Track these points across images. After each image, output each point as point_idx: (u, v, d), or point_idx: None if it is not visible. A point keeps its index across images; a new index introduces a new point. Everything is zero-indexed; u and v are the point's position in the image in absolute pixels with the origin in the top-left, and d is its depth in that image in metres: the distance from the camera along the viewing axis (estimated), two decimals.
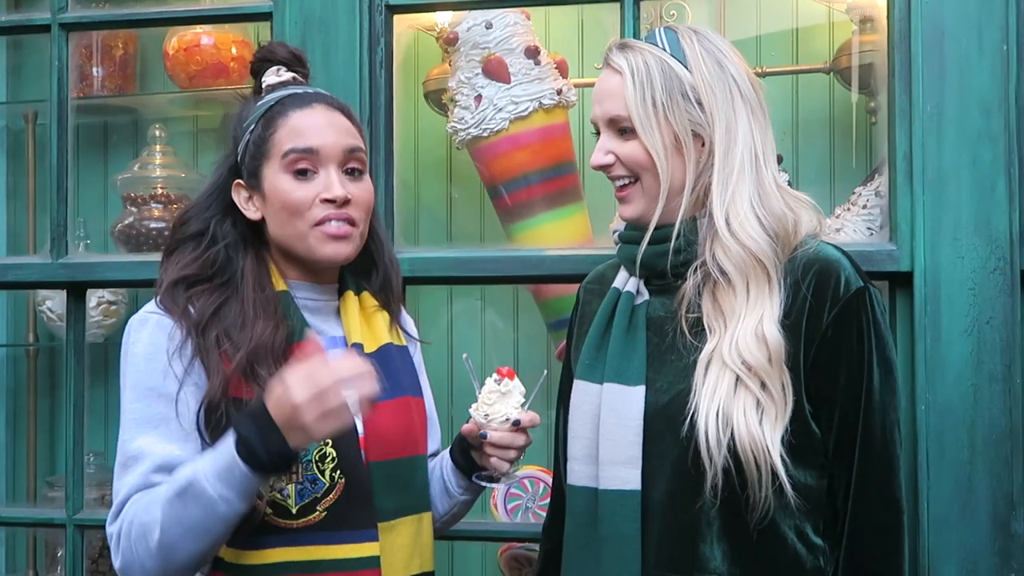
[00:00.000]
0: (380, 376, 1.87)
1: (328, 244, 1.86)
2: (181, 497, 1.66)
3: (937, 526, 2.24)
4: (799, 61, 3.11)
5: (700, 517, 1.75)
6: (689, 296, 1.82)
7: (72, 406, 2.74)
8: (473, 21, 2.82)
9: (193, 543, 1.67)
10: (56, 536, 3.31)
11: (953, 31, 2.29)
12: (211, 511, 1.64)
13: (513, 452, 1.89)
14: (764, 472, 1.70)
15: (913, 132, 2.30)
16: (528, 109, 2.80)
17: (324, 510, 1.79)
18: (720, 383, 1.74)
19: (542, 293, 2.97)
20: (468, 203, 3.27)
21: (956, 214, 2.27)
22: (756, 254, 1.76)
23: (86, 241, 3.34)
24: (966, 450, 2.24)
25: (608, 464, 1.81)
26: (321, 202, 1.84)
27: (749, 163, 1.80)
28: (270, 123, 1.88)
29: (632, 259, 1.90)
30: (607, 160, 1.85)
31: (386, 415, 1.88)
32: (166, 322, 1.81)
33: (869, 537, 1.78)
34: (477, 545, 3.15)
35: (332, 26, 2.54)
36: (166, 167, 3.38)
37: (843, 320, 1.76)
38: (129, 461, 1.76)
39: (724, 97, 1.81)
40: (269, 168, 1.87)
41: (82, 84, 3.39)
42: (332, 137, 1.87)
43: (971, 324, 2.25)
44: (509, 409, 1.87)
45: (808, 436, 1.77)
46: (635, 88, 1.80)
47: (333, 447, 1.80)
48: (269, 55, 1.99)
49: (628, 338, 1.86)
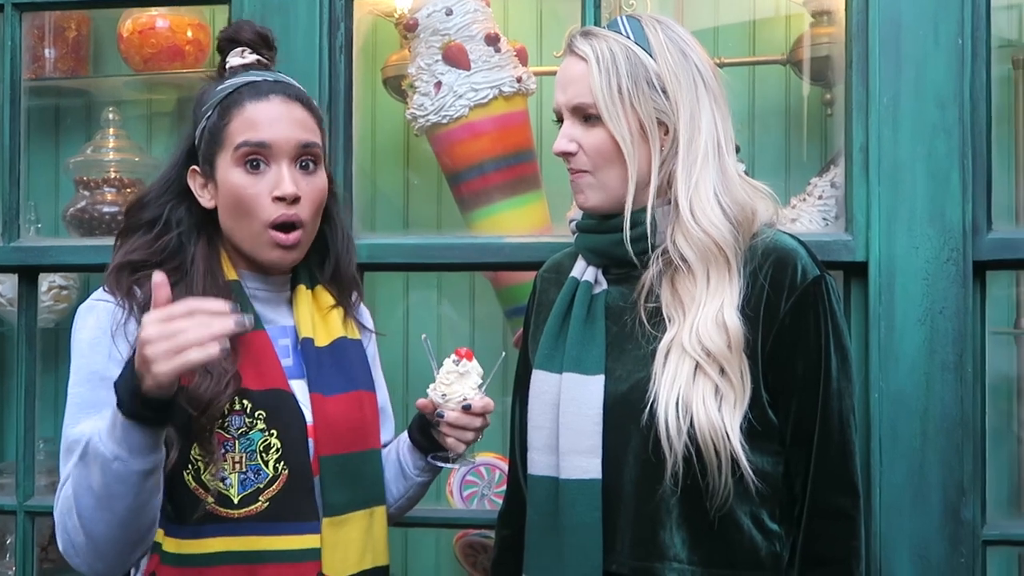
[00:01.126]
0: (333, 371, 1.89)
1: (275, 251, 1.84)
2: (83, 460, 1.65)
3: (889, 512, 2.27)
4: (756, 52, 3.13)
5: (660, 505, 1.77)
6: (648, 285, 1.83)
7: (24, 391, 2.71)
8: (433, 7, 2.82)
9: (106, 511, 1.64)
10: (5, 523, 3.27)
11: (910, 25, 2.32)
12: (108, 471, 1.61)
13: (470, 434, 1.89)
14: (724, 459, 1.72)
15: (869, 124, 2.32)
16: (488, 96, 2.79)
17: (266, 500, 1.77)
18: (680, 371, 1.75)
19: (500, 280, 2.97)
20: (425, 190, 3.26)
21: (911, 205, 2.30)
22: (718, 241, 1.78)
23: (37, 225, 3.30)
24: (918, 438, 2.27)
25: (568, 454, 1.82)
26: (273, 200, 1.82)
27: (712, 151, 1.82)
28: (226, 112, 1.85)
29: (591, 248, 1.91)
30: (570, 148, 1.84)
31: (338, 409, 1.87)
32: (111, 307, 1.80)
33: (827, 521, 1.81)
34: (431, 533, 3.15)
35: (291, 9, 2.52)
36: (119, 151, 3.34)
37: (800, 309, 1.79)
38: (72, 446, 1.73)
39: (688, 85, 1.82)
40: (222, 159, 1.84)
41: (34, 66, 3.34)
42: (286, 131, 1.84)
43: (924, 314, 2.28)
44: (467, 390, 1.86)
45: (765, 424, 1.79)
46: (601, 75, 1.80)
47: (278, 438, 1.79)
48: (235, 35, 1.96)
49: (587, 327, 1.87)
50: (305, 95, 1.92)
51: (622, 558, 1.80)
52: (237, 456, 1.76)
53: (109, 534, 1.67)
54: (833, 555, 1.81)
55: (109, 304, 1.80)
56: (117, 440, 1.60)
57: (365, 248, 2.46)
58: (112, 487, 1.62)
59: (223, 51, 1.96)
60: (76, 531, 1.68)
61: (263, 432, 1.78)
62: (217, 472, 1.75)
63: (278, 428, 1.79)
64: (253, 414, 1.78)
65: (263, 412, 1.79)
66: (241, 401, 1.77)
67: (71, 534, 1.70)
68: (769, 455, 1.80)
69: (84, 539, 1.68)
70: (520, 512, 1.98)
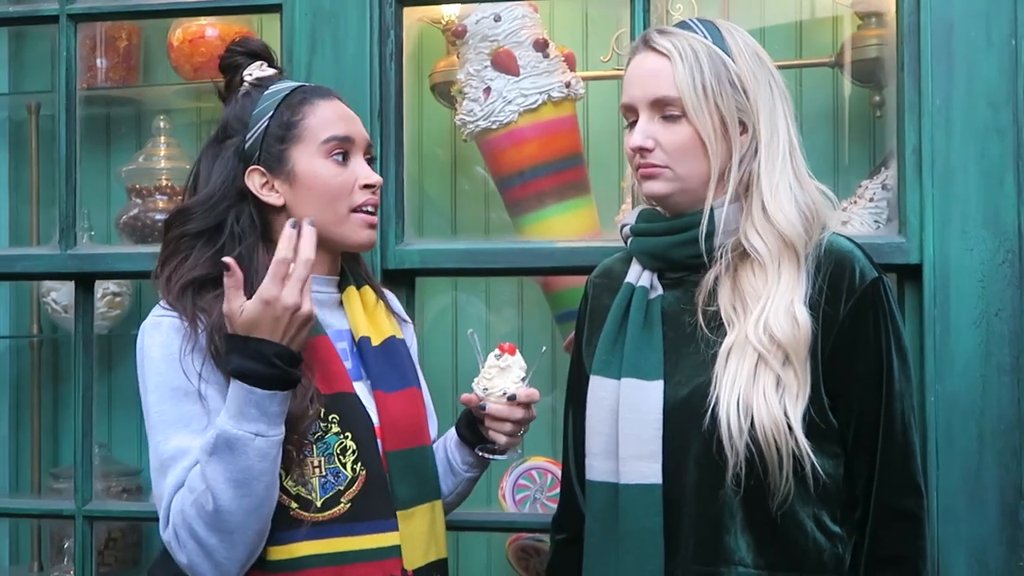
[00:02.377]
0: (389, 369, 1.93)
1: (365, 231, 1.92)
2: (215, 455, 1.68)
3: (946, 516, 2.26)
4: (803, 55, 3.12)
5: (723, 509, 1.77)
6: (709, 286, 1.83)
7: (80, 397, 2.74)
8: (482, 14, 2.83)
9: (246, 496, 1.68)
10: (62, 528, 3.32)
11: (962, 25, 2.30)
12: (249, 452, 1.66)
13: (509, 425, 1.91)
14: (785, 453, 1.72)
15: (922, 126, 2.31)
16: (537, 102, 2.80)
17: (348, 502, 1.81)
18: (740, 371, 1.76)
19: (551, 285, 2.98)
20: (473, 196, 3.27)
21: (964, 207, 2.28)
22: (792, 238, 1.79)
23: (90, 232, 3.33)
24: (975, 440, 2.26)
25: (628, 459, 1.82)
26: (360, 188, 1.90)
27: (787, 152, 1.84)
28: (296, 109, 1.90)
29: (648, 252, 1.92)
30: (648, 144, 1.83)
31: (398, 405, 1.91)
32: (178, 324, 1.82)
33: (894, 523, 1.81)
34: (483, 536, 3.16)
35: (342, 18, 2.54)
36: (170, 159, 3.38)
37: (859, 311, 1.79)
38: (167, 463, 1.76)
39: (766, 87, 1.84)
40: (301, 152, 1.89)
41: (87, 75, 3.37)
42: (357, 128, 1.95)
43: (980, 316, 2.27)
44: (508, 383, 1.89)
45: (825, 425, 1.78)
46: (685, 70, 1.80)
47: (353, 440, 1.82)
48: (248, 48, 2.02)
49: (644, 332, 1.87)
50: None
51: (685, 563, 1.80)
52: (316, 460, 1.80)
53: (247, 522, 1.70)
54: (901, 555, 1.81)
55: (175, 319, 1.82)
56: (253, 418, 1.66)
57: (415, 253, 2.48)
58: (255, 467, 1.68)
59: (235, 66, 2.00)
60: (208, 533, 1.70)
61: (338, 435, 1.82)
62: (299, 478, 1.79)
63: (352, 430, 1.82)
64: (327, 418, 1.81)
65: (336, 415, 1.82)
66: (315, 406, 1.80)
67: (201, 540, 1.71)
68: (829, 456, 1.79)
69: (218, 538, 1.70)
70: (575, 517, 1.99)
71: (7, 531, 3.58)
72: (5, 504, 3.29)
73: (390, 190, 2.52)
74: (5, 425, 3.59)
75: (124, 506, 3.06)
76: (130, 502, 3.21)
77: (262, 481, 1.69)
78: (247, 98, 1.95)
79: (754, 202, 1.81)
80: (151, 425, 1.80)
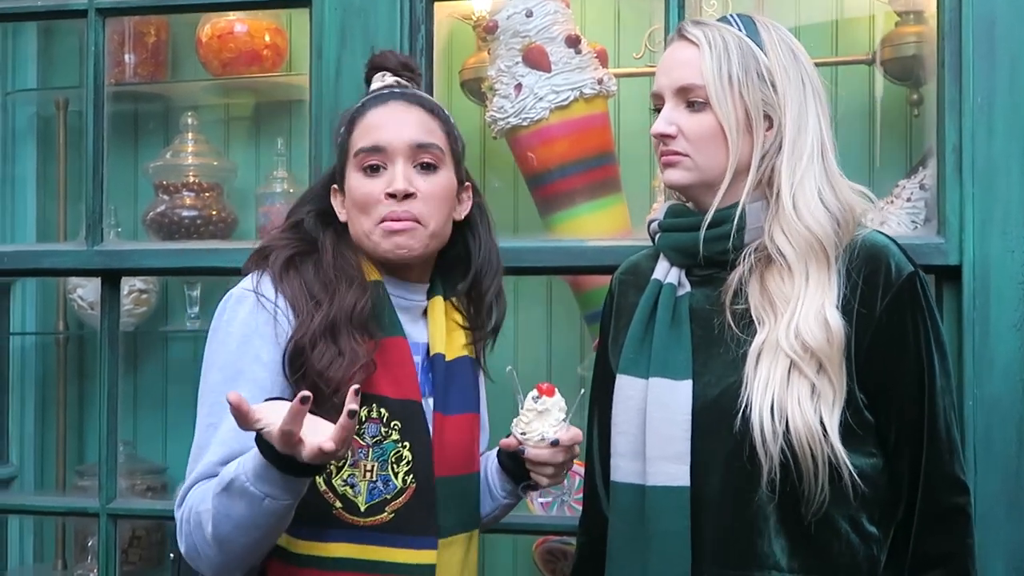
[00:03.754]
0: (454, 390, 1.89)
1: (387, 239, 1.83)
2: (227, 492, 1.63)
3: (984, 521, 2.20)
4: (839, 52, 3.08)
5: (757, 513, 1.74)
6: (736, 286, 1.81)
7: (106, 395, 2.73)
8: (513, 9, 2.79)
9: (245, 536, 1.64)
10: (86, 525, 3.31)
11: (1004, 21, 2.27)
12: (256, 507, 1.60)
13: (551, 468, 1.86)
14: (820, 461, 1.69)
15: (963, 124, 2.28)
16: (569, 98, 2.76)
17: (392, 512, 1.77)
18: (773, 373, 1.73)
19: (581, 284, 2.94)
20: (503, 193, 3.24)
21: (1006, 207, 2.25)
22: (820, 238, 1.76)
23: (117, 229, 3.33)
24: (1014, 445, 2.22)
25: (656, 460, 1.79)
26: (385, 198, 1.83)
27: (817, 151, 1.81)
28: (352, 125, 1.89)
29: (675, 247, 1.89)
30: (670, 130, 1.82)
31: (452, 431, 1.88)
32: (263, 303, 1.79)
33: (941, 520, 1.79)
34: (509, 538, 3.13)
35: (372, 13, 2.53)
36: (198, 155, 3.37)
37: (897, 307, 1.76)
38: (203, 444, 1.74)
39: (797, 84, 1.81)
40: (348, 167, 1.88)
41: (115, 70, 3.36)
42: (400, 132, 1.85)
43: (1020, 319, 2.23)
44: (546, 428, 1.83)
45: (862, 424, 1.76)
46: (712, 59, 1.79)
47: (410, 451, 1.79)
48: (382, 63, 1.99)
49: (672, 331, 1.84)
50: (430, 101, 1.94)
51: (715, 567, 1.77)
52: (369, 464, 1.77)
53: (246, 552, 1.68)
54: (950, 552, 1.79)
55: (262, 299, 1.79)
56: (269, 482, 1.58)
57: None
58: (259, 519, 1.62)
59: (368, 80, 1.99)
60: (206, 545, 1.68)
61: (396, 443, 1.78)
62: (349, 477, 1.76)
63: (411, 440, 1.79)
64: (389, 423, 1.78)
65: (399, 423, 1.79)
66: (379, 409, 1.77)
67: (199, 547, 1.69)
68: (866, 456, 1.76)
69: (215, 552, 1.68)
70: (598, 518, 1.96)
71: (32, 528, 3.58)
72: (30, 501, 3.27)
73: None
74: (31, 422, 3.59)
75: (148, 504, 3.04)
76: (155, 500, 3.19)
77: (266, 528, 1.64)
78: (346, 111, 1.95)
79: (777, 201, 1.79)
80: (205, 399, 1.77)
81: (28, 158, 3.63)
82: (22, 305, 3.60)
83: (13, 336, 3.58)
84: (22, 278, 3.48)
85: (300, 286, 1.79)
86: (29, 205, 3.62)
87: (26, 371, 3.61)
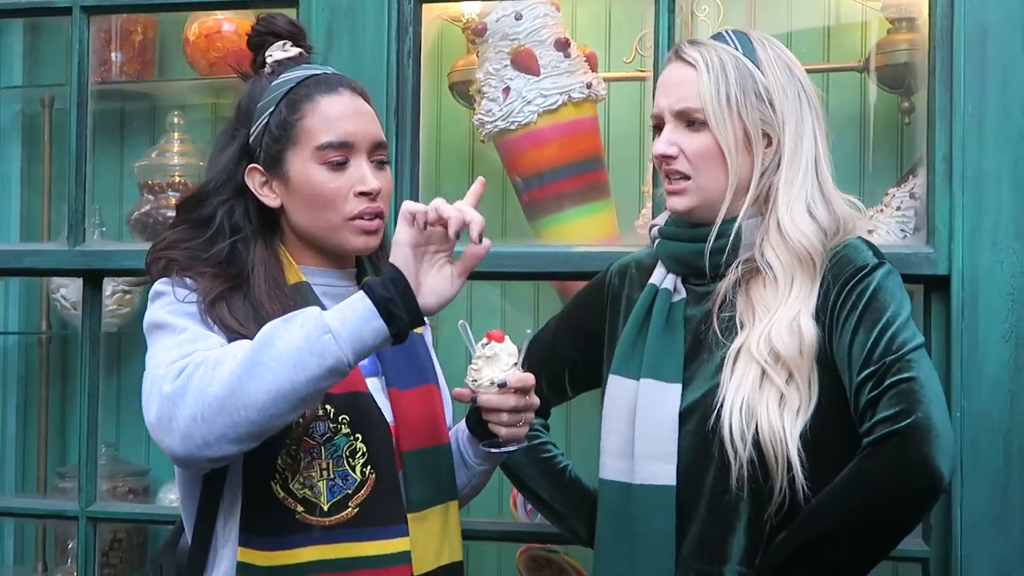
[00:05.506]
0: (406, 365, 1.86)
1: (360, 237, 1.82)
2: (287, 322, 1.58)
3: (970, 535, 2.21)
4: (830, 59, 3.06)
5: (729, 510, 1.79)
6: (723, 295, 1.86)
7: (87, 396, 2.71)
8: (502, 12, 2.78)
9: (273, 373, 1.55)
10: (66, 528, 3.28)
11: (996, 30, 2.26)
12: (312, 339, 1.55)
13: (505, 415, 1.79)
14: (781, 464, 1.74)
15: (953, 133, 2.27)
16: (557, 102, 2.75)
17: (356, 506, 1.74)
18: (746, 376, 1.78)
19: (568, 290, 2.91)
20: (490, 198, 3.21)
21: (996, 217, 2.24)
22: (809, 251, 1.81)
23: (101, 228, 3.29)
24: (1001, 458, 2.21)
25: (643, 459, 1.85)
26: (355, 195, 1.80)
27: (811, 166, 1.85)
28: (295, 107, 1.81)
29: (673, 256, 1.94)
30: (671, 151, 1.86)
31: (414, 403, 1.85)
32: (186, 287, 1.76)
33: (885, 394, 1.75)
34: (493, 545, 3.10)
35: (359, 14, 2.51)
36: (184, 155, 3.34)
37: (851, 287, 1.80)
38: (186, 340, 1.67)
39: (794, 101, 1.86)
40: (296, 156, 1.81)
41: (100, 69, 3.33)
42: (363, 127, 1.83)
43: (1009, 330, 2.22)
44: (496, 372, 1.78)
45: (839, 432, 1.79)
46: (710, 81, 1.83)
47: (363, 442, 1.76)
48: (271, 27, 1.92)
49: (666, 336, 1.89)
50: (365, 89, 1.90)
51: (692, 562, 1.81)
52: (324, 463, 1.73)
53: (252, 398, 1.56)
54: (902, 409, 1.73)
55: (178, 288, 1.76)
56: (343, 320, 1.58)
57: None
58: (303, 355, 1.55)
59: (260, 46, 1.92)
60: (212, 382, 1.57)
61: (348, 437, 1.75)
62: (307, 479, 1.72)
63: (363, 432, 1.76)
64: (337, 419, 1.75)
65: (346, 416, 1.75)
66: (324, 406, 1.74)
67: (202, 384, 1.57)
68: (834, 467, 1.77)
69: (214, 393, 1.57)
70: None
71: (12, 530, 3.54)
72: (9, 504, 3.25)
73: (405, 190, 2.48)
74: (13, 422, 3.55)
75: (128, 508, 3.02)
76: (135, 504, 3.16)
77: (296, 375, 1.56)
78: (257, 85, 1.88)
79: (771, 217, 1.84)
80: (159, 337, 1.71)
81: (13, 156, 3.59)
82: (4, 304, 3.56)
83: None
84: (4, 277, 3.45)
85: (232, 319, 1.74)
86: (14, 203, 3.58)
87: (8, 371, 3.57)
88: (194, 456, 1.61)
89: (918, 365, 1.75)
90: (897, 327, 1.76)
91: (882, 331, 1.75)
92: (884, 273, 1.81)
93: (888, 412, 1.72)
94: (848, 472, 1.74)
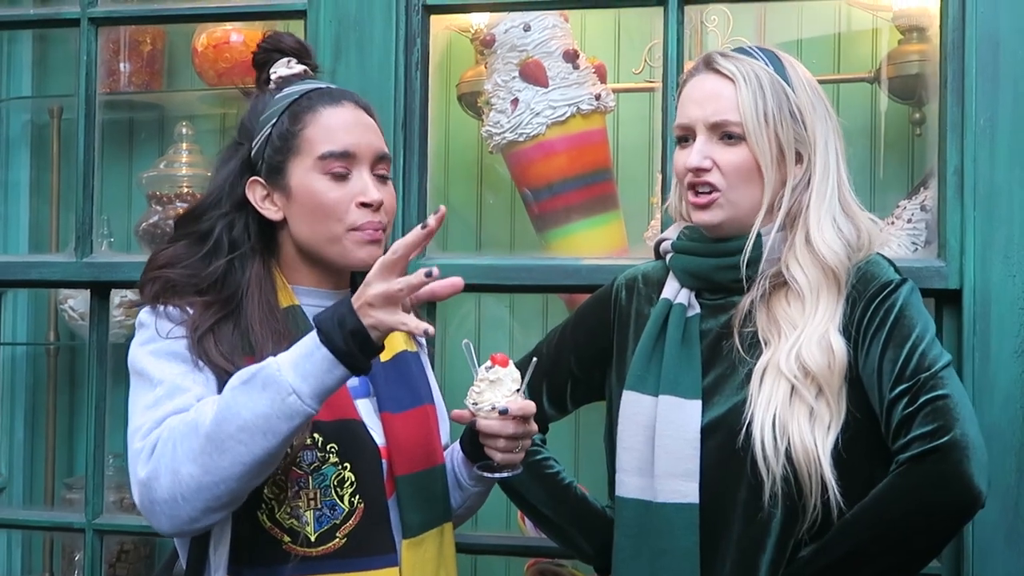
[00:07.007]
0: (398, 386, 1.85)
1: (363, 248, 1.79)
2: (247, 384, 1.56)
3: (982, 552, 2.19)
4: (841, 70, 3.05)
5: (761, 528, 1.78)
6: (746, 310, 1.85)
7: (94, 407, 2.70)
8: (511, 23, 2.77)
9: (244, 445, 1.55)
10: (74, 539, 3.28)
11: (1008, 41, 2.24)
12: (277, 404, 1.54)
13: (503, 441, 1.77)
14: (815, 481, 1.73)
15: (965, 145, 2.25)
16: (566, 114, 2.74)
17: (344, 536, 1.72)
18: (775, 392, 1.77)
19: (576, 303, 2.90)
20: (499, 209, 3.22)
21: (1008, 231, 2.22)
22: (835, 267, 1.81)
23: (110, 239, 3.29)
24: (1013, 475, 2.19)
25: (665, 477, 1.84)
26: (357, 206, 1.78)
27: (836, 184, 1.86)
28: (297, 118, 1.80)
29: (690, 271, 1.93)
30: (705, 164, 1.85)
31: (408, 427, 1.83)
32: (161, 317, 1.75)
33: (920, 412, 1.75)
34: (501, 560, 3.09)
35: (367, 26, 2.50)
36: (192, 165, 3.33)
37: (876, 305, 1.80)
38: (162, 396, 1.65)
39: (823, 120, 1.87)
40: (298, 165, 1.80)
41: (109, 79, 3.35)
42: (365, 139, 1.82)
43: (1021, 345, 2.20)
44: (498, 397, 1.75)
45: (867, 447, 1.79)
46: (749, 95, 1.83)
47: (352, 471, 1.74)
48: (277, 45, 1.92)
49: (683, 350, 1.88)
50: (369, 104, 1.90)
51: None
52: (311, 492, 1.71)
53: (231, 471, 1.56)
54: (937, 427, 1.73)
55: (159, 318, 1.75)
56: (304, 373, 1.55)
57: (439, 268, 2.41)
58: (270, 422, 1.55)
59: (265, 63, 1.92)
60: (184, 460, 1.56)
61: (336, 466, 1.73)
62: (294, 509, 1.70)
63: (351, 461, 1.74)
64: (325, 448, 1.73)
65: (335, 445, 1.73)
66: (312, 435, 1.71)
67: (178, 460, 1.57)
68: (864, 484, 1.77)
69: (195, 468, 1.57)
70: None
71: (20, 541, 3.54)
72: (17, 516, 3.23)
73: (413, 202, 2.48)
74: (21, 433, 3.56)
75: (135, 520, 2.99)
76: (142, 516, 3.14)
77: (267, 443, 1.55)
78: (260, 100, 1.87)
79: (799, 233, 1.84)
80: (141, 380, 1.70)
81: (22, 166, 3.60)
82: (13, 315, 3.57)
83: (3, 346, 3.56)
84: (13, 288, 3.45)
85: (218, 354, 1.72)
86: (22, 215, 3.60)
87: (16, 381, 3.58)
88: (184, 531, 1.65)
89: (950, 382, 1.76)
90: (926, 344, 1.77)
91: (912, 348, 1.76)
92: (908, 290, 1.82)
93: (925, 429, 1.72)
94: (884, 487, 1.74)
